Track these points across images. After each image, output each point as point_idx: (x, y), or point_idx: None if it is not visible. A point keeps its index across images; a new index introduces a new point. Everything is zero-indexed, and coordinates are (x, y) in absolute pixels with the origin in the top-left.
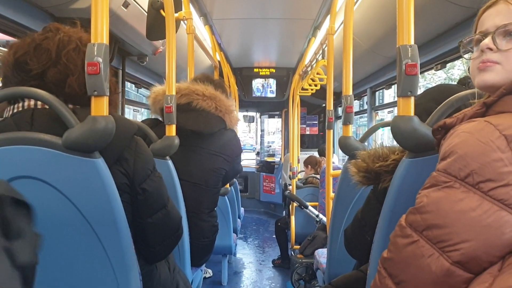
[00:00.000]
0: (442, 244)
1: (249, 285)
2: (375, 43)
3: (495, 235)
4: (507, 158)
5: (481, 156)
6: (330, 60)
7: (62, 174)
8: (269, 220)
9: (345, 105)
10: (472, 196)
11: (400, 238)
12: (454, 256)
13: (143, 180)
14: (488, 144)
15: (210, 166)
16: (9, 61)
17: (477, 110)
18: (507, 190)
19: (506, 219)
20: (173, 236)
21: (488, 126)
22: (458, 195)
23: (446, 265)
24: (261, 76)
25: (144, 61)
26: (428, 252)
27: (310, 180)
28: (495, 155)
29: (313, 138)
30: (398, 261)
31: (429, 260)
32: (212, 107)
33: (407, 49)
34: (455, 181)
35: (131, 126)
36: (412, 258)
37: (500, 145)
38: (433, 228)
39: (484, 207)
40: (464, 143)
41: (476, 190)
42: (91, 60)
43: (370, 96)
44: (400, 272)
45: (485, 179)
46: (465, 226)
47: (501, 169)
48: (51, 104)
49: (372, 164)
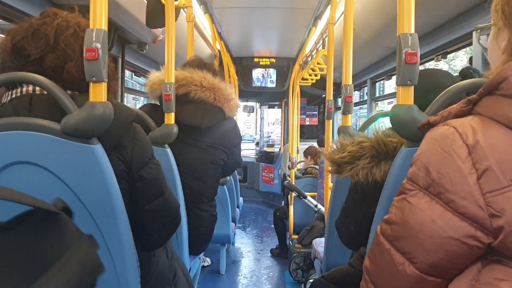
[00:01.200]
0: (409, 255)
1: (247, 274)
2: (375, 33)
3: (457, 246)
4: (466, 169)
5: (441, 166)
6: (330, 49)
7: (60, 160)
8: (267, 210)
9: (345, 95)
10: (434, 206)
11: (376, 246)
12: (421, 267)
13: (141, 167)
14: (450, 154)
15: (209, 158)
16: (7, 46)
17: (461, 108)
18: (465, 202)
19: (467, 230)
20: (171, 224)
21: (454, 134)
22: (421, 205)
23: (417, 273)
24: (261, 66)
25: (143, 49)
26: (400, 260)
27: (309, 170)
28: (454, 165)
29: (312, 129)
30: (376, 269)
31: (401, 268)
32: (210, 97)
33: (407, 38)
34: (419, 190)
35: (130, 113)
36: (386, 266)
37: (461, 154)
38: (400, 239)
39: (445, 217)
40: (428, 152)
41: (438, 200)
42: (90, 46)
43: (370, 87)
44: (379, 279)
45: (444, 189)
46: (427, 238)
47: (459, 180)
48: (49, 89)
49: (334, 155)
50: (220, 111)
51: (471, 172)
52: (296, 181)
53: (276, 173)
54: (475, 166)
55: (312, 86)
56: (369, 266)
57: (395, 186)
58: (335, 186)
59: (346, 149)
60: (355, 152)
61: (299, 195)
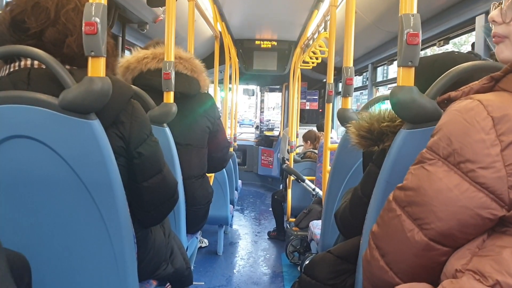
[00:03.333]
0: (420, 221)
1: (244, 255)
2: (378, 17)
3: (470, 216)
4: (489, 140)
5: (463, 136)
6: (332, 32)
7: (58, 134)
8: (266, 193)
9: (345, 77)
10: (452, 176)
11: (386, 212)
12: (430, 234)
13: (139, 144)
14: (473, 125)
15: (198, 126)
16: (6, 19)
17: (483, 84)
18: (485, 172)
19: (483, 201)
20: (168, 201)
21: (478, 106)
22: (439, 174)
23: (425, 240)
24: (263, 49)
25: (144, 29)
26: (409, 227)
27: (308, 154)
28: (477, 136)
29: (312, 113)
30: (384, 234)
31: (409, 235)
32: (188, 69)
33: (409, 18)
34: (438, 159)
35: (128, 89)
36: (395, 232)
37: (485, 126)
38: (413, 205)
39: (462, 187)
40: (451, 122)
41: (457, 170)
42: (89, 20)
43: (371, 71)
44: (385, 245)
45: (465, 159)
46: (442, 206)
47: (481, 150)
48: (48, 63)
49: (378, 124)
50: (197, 83)
51: (494, 144)
52: (295, 165)
53: (275, 157)
54: (499, 138)
55: (313, 70)
56: (376, 231)
57: (393, 168)
58: (334, 167)
59: (397, 118)
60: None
61: (297, 179)
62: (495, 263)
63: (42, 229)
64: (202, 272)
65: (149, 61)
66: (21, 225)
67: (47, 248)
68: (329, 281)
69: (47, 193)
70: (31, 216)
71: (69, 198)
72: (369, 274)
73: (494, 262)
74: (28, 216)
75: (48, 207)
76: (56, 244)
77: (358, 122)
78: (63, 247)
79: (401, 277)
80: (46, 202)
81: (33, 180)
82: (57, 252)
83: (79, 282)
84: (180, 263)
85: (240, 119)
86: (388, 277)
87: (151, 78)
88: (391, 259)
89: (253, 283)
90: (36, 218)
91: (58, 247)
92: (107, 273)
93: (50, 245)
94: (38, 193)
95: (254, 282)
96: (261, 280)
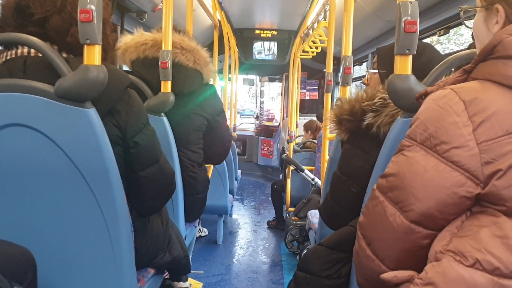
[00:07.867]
0: (401, 204)
1: (243, 244)
2: (377, 6)
3: (447, 195)
4: (461, 122)
5: (438, 120)
6: (331, 21)
7: (54, 122)
8: (265, 183)
9: (344, 66)
10: (429, 158)
11: (371, 200)
12: (411, 215)
13: (136, 133)
14: (446, 109)
15: (190, 125)
16: (10, 3)
17: (457, 77)
18: (459, 151)
19: (458, 179)
20: (165, 190)
21: (450, 93)
22: (417, 157)
23: (406, 223)
24: (262, 39)
25: (143, 18)
26: (391, 212)
27: (307, 144)
28: (450, 119)
29: (312, 104)
30: (369, 222)
31: (392, 219)
32: (191, 60)
33: (407, 6)
34: (416, 145)
35: (124, 78)
36: (378, 218)
37: (457, 109)
38: (394, 189)
39: (438, 167)
40: (426, 110)
41: (433, 152)
42: (84, 7)
43: (371, 61)
44: (370, 233)
45: (440, 141)
46: (420, 187)
47: (455, 131)
48: (43, 51)
49: (359, 104)
50: (199, 76)
51: (466, 124)
52: (294, 154)
53: (275, 147)
54: (471, 118)
55: (313, 60)
56: (362, 221)
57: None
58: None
59: (376, 95)
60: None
61: (296, 169)
62: (474, 241)
63: (38, 217)
64: (201, 261)
65: (148, 48)
66: (17, 213)
67: (43, 237)
68: (323, 272)
69: (43, 181)
70: (28, 204)
71: (65, 187)
72: (358, 265)
73: (473, 241)
74: (24, 205)
75: (44, 195)
76: (52, 232)
77: (340, 106)
78: (59, 235)
79: (387, 264)
80: (42, 191)
81: (29, 168)
82: (54, 240)
83: (76, 270)
84: (177, 251)
85: (241, 109)
86: (375, 265)
87: (145, 71)
88: (376, 247)
89: (252, 272)
90: (33, 206)
91: (55, 235)
92: (104, 261)
93: (46, 233)
94: (34, 181)
95: (253, 270)
96: (260, 269)
